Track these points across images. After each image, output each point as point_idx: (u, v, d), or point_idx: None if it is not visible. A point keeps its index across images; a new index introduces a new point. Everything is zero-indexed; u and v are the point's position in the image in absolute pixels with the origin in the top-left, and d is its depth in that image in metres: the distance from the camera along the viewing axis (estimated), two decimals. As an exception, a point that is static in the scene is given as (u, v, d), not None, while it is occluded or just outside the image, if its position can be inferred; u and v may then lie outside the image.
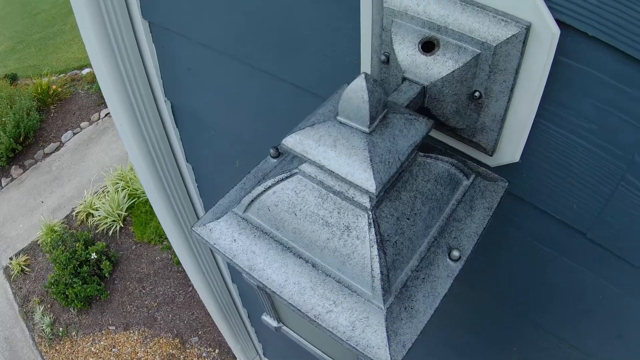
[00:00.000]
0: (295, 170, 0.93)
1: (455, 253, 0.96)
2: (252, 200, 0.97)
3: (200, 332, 7.08)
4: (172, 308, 7.32)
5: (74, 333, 7.27)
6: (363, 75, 0.80)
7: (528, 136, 1.09)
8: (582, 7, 0.86)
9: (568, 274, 1.29)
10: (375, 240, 0.86)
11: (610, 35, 0.86)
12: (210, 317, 4.03)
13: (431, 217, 0.98)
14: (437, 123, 1.12)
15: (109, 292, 7.51)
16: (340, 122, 0.86)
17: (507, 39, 0.93)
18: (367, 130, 0.85)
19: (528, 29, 0.91)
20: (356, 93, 0.81)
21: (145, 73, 2.21)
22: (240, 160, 2.27)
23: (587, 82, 0.95)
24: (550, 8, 0.89)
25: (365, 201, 0.86)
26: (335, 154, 0.84)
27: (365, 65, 1.25)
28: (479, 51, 0.97)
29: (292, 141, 0.88)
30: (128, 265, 7.78)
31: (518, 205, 1.24)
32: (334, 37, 1.34)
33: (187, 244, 3.15)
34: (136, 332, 7.20)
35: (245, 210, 0.99)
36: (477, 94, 1.04)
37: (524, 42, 0.93)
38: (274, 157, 1.12)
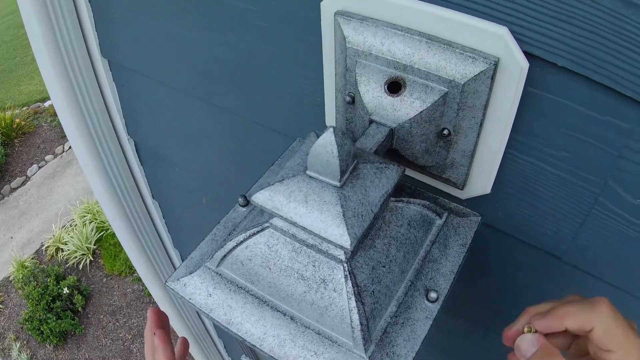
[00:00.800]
0: (267, 224, 0.91)
1: (433, 294, 0.94)
2: (225, 255, 0.95)
3: (178, 362, 7.02)
4: (148, 339, 7.26)
5: (51, 370, 7.20)
6: (331, 130, 0.78)
7: (499, 167, 1.08)
8: (551, 38, 0.85)
9: (547, 297, 1.28)
10: (352, 292, 0.84)
11: (579, 64, 0.85)
12: (187, 348, 3.99)
13: (406, 261, 0.97)
14: (406, 162, 1.11)
15: (83, 326, 7.43)
16: (310, 177, 0.85)
17: (475, 75, 0.91)
18: (338, 184, 0.83)
19: (496, 64, 0.90)
20: (325, 148, 0.79)
21: (107, 112, 2.18)
22: (207, 197, 2.25)
23: (557, 111, 0.94)
24: (518, 40, 0.88)
25: (340, 254, 0.85)
26: (307, 210, 0.82)
27: (330, 105, 1.23)
28: (447, 89, 0.96)
29: (263, 198, 0.86)
30: (100, 299, 7.71)
31: (492, 234, 1.24)
32: (297, 76, 1.32)
33: (157, 279, 3.11)
34: (113, 366, 7.15)
35: (218, 265, 0.97)
36: (445, 131, 1.02)
37: (492, 78, 0.92)
38: (242, 206, 1.10)
